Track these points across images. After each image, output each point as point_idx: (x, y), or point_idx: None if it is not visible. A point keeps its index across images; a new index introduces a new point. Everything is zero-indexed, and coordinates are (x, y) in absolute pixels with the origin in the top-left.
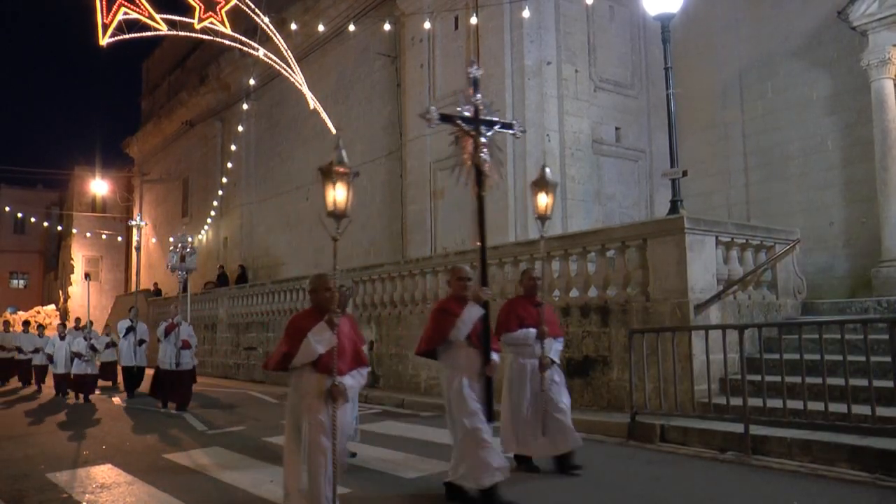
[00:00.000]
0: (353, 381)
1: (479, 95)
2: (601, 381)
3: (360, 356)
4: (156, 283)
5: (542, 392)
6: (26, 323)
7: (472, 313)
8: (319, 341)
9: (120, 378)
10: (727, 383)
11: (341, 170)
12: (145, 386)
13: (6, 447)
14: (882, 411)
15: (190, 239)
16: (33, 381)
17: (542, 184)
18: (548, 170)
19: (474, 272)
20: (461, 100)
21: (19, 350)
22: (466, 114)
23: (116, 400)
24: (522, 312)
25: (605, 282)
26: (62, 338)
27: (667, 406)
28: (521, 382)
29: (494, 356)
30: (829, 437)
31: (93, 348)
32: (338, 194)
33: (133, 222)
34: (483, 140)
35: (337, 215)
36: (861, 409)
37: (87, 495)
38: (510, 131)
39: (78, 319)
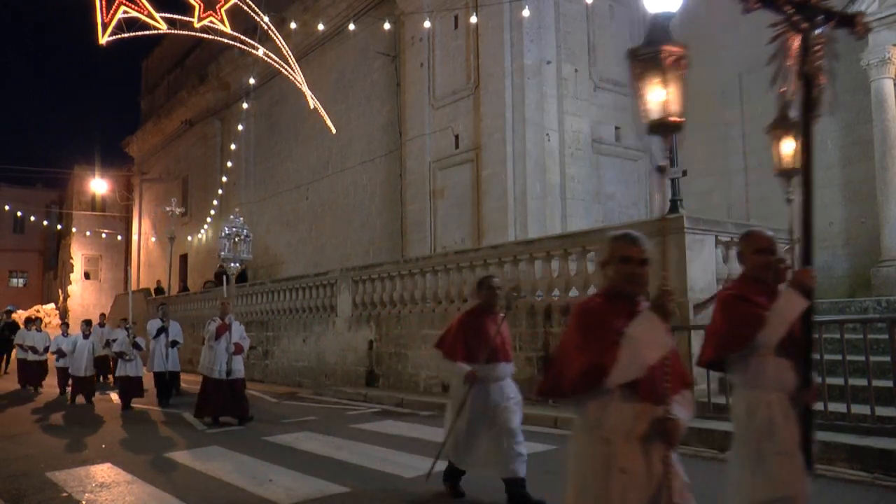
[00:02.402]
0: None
1: None
2: None
3: (685, 373)
4: (158, 281)
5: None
6: (29, 321)
7: (791, 305)
8: (649, 344)
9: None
10: (727, 382)
11: (673, 52)
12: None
13: (6, 447)
14: (881, 411)
15: (242, 220)
16: (54, 385)
17: (784, 125)
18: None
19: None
20: None
21: (33, 350)
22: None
23: (115, 398)
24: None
25: None
26: (86, 336)
27: None
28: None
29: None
30: (828, 437)
31: (136, 346)
32: (657, 95)
33: (169, 209)
34: (818, 36)
35: (666, 126)
36: (860, 409)
37: (86, 494)
38: (850, 29)
39: (103, 315)
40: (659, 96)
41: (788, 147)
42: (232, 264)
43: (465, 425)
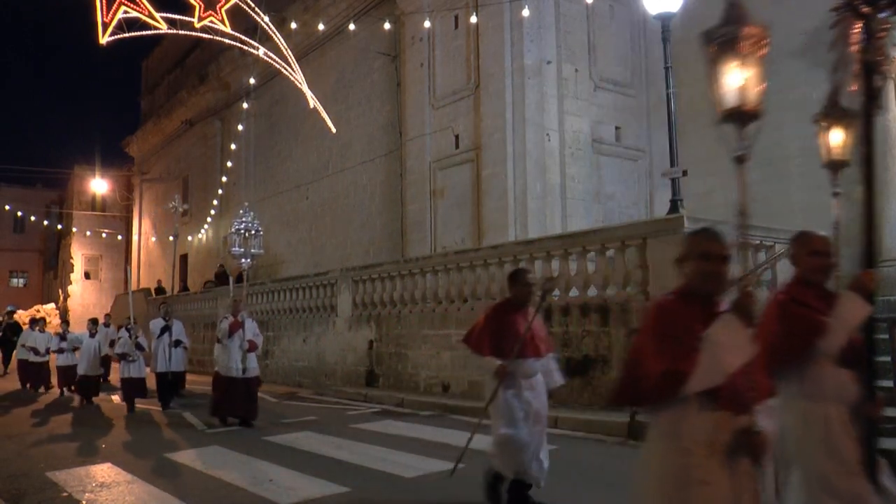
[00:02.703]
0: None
1: None
2: (601, 381)
3: (769, 381)
4: (159, 281)
5: None
6: (34, 321)
7: (853, 311)
8: (731, 349)
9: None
10: None
11: (753, 33)
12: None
13: (6, 446)
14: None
15: (253, 215)
16: (55, 385)
17: (834, 113)
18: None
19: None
20: None
21: (34, 351)
22: None
23: (116, 399)
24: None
25: (604, 281)
26: (92, 335)
27: None
28: (848, 437)
29: None
30: None
31: (139, 347)
32: (734, 81)
33: (172, 205)
34: (883, 20)
35: (742, 115)
36: None
37: (86, 494)
38: None
39: (108, 316)
40: (735, 82)
41: (837, 137)
42: (243, 261)
43: (504, 427)
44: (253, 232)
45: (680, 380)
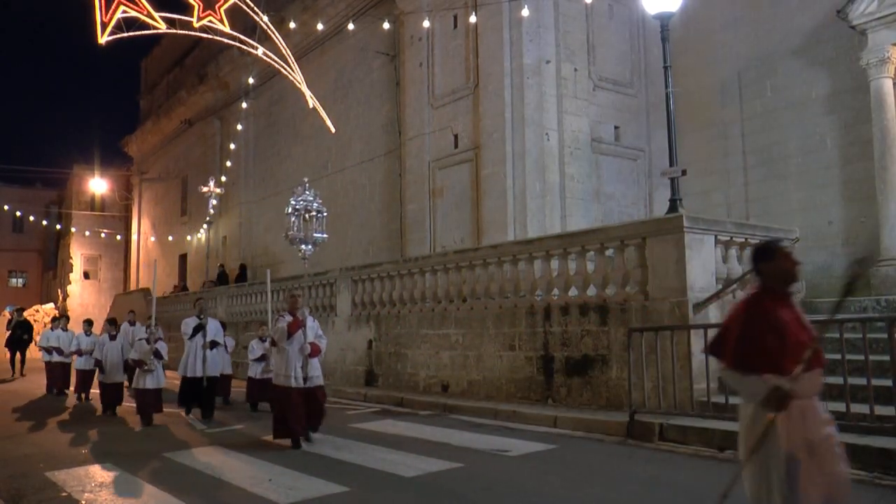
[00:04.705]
0: None
1: None
2: (600, 380)
3: None
4: (175, 286)
5: None
6: (55, 319)
7: None
8: None
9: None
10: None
11: None
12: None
13: (5, 446)
14: (880, 410)
15: (316, 195)
16: (72, 389)
17: None
18: None
19: None
20: None
21: (59, 351)
22: None
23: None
24: None
25: (604, 281)
26: (112, 338)
27: (665, 405)
28: None
29: None
30: None
31: (157, 354)
32: None
33: (206, 188)
34: None
35: None
36: (859, 408)
37: (86, 494)
38: None
39: (132, 313)
40: None
41: None
42: (303, 246)
43: (778, 482)
44: (314, 213)
45: None
